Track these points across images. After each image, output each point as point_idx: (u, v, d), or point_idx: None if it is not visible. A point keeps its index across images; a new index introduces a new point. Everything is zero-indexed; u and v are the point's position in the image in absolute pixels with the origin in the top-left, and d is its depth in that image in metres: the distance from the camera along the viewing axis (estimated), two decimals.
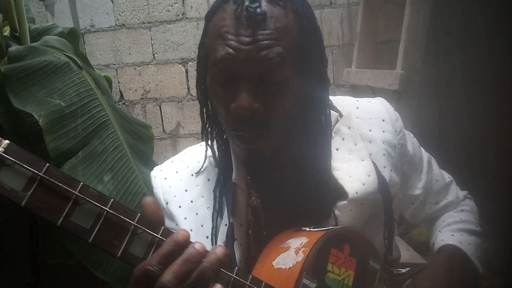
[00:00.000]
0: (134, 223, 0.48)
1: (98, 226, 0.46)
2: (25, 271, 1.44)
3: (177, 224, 0.74)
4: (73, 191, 0.46)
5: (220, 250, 0.50)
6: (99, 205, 0.47)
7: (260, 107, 0.60)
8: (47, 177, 0.45)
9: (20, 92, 1.14)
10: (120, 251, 0.47)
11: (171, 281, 0.46)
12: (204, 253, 0.49)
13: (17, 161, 0.43)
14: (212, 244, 0.70)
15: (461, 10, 1.78)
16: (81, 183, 0.47)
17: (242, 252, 0.69)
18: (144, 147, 1.52)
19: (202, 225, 0.72)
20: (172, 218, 0.74)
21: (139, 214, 0.49)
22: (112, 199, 0.48)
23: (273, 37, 0.59)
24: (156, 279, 0.46)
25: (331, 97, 0.74)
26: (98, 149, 1.19)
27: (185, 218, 0.73)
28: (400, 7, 1.55)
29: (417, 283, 0.71)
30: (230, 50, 0.59)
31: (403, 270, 0.73)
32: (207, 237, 0.70)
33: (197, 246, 0.48)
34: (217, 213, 0.71)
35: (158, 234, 0.50)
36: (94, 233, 0.46)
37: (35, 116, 1.08)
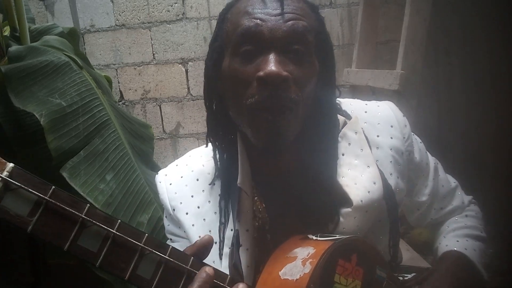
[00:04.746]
0: (141, 244, 0.47)
1: (105, 249, 0.45)
2: (25, 271, 1.43)
3: (184, 231, 0.73)
4: (80, 214, 0.44)
5: (207, 271, 0.51)
6: (106, 227, 0.46)
7: (288, 76, 0.59)
8: (53, 201, 0.43)
9: (21, 92, 1.13)
10: (128, 273, 0.47)
11: None
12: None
13: (23, 186, 0.42)
14: (220, 250, 0.69)
15: (461, 10, 1.78)
16: (88, 205, 0.45)
17: (249, 257, 0.67)
18: (145, 146, 1.52)
19: (210, 231, 0.71)
20: (179, 225, 0.74)
21: (146, 235, 0.48)
22: (119, 220, 0.46)
23: (299, 13, 0.62)
24: None
25: (339, 100, 0.74)
26: (100, 148, 1.19)
27: (193, 225, 0.72)
28: (400, 7, 1.55)
29: None
30: (258, 21, 0.61)
31: (409, 276, 0.72)
32: (216, 243, 0.69)
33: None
34: (223, 225, 0.70)
35: (165, 255, 0.49)
36: (101, 256, 0.45)
37: (37, 116, 1.08)
